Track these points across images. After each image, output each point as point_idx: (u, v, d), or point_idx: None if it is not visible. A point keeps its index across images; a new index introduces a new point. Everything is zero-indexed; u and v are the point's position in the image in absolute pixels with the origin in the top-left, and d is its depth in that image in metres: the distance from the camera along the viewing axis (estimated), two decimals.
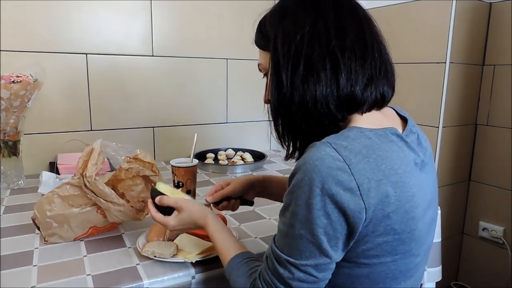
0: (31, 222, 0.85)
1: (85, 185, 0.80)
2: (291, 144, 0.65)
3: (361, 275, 0.58)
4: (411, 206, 0.56)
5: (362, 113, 0.61)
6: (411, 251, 0.59)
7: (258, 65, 0.71)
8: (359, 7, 0.63)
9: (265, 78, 0.69)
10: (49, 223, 0.82)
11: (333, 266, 0.57)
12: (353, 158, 0.53)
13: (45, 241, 0.84)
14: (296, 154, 0.66)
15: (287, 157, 0.68)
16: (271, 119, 0.65)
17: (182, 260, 0.75)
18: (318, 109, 0.58)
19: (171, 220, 0.75)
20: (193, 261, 0.75)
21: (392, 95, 0.66)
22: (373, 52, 0.60)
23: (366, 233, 0.55)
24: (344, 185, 0.51)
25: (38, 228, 0.84)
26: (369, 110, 0.62)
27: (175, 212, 0.76)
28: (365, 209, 0.52)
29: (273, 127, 0.66)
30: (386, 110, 0.67)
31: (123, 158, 0.88)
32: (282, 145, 0.67)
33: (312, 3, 0.61)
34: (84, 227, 0.85)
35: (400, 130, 0.64)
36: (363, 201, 0.52)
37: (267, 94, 0.67)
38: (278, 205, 1.10)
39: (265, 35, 0.66)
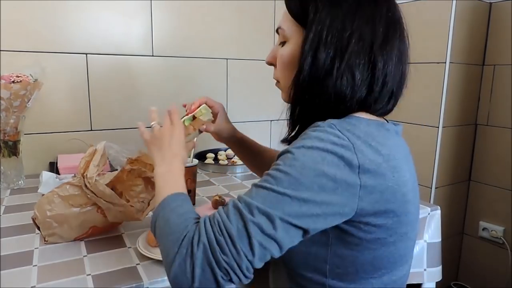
0: (31, 222, 0.85)
1: (86, 185, 0.80)
2: (296, 129, 0.67)
3: (365, 261, 0.59)
4: (407, 190, 0.59)
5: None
6: (407, 234, 0.61)
7: (278, 28, 0.68)
8: (403, 19, 0.65)
9: (267, 40, 0.71)
10: (49, 223, 0.82)
11: (300, 237, 0.54)
12: (356, 140, 0.55)
13: (45, 241, 0.84)
14: (293, 135, 0.67)
15: (284, 140, 0.69)
16: (291, 98, 0.65)
17: None
18: (337, 102, 0.60)
19: (168, 124, 0.76)
20: None
21: None
22: (403, 72, 0.64)
23: (367, 213, 0.55)
24: (346, 161, 0.52)
25: (38, 228, 0.84)
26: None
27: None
28: (360, 186, 0.53)
29: (288, 110, 0.67)
30: None
31: (125, 159, 0.88)
32: (289, 127, 0.68)
33: (367, 3, 0.60)
34: (84, 227, 0.85)
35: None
36: (360, 179, 0.53)
37: (278, 64, 0.68)
38: None
39: (304, 7, 0.62)
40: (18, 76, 1.12)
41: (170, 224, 0.56)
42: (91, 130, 1.48)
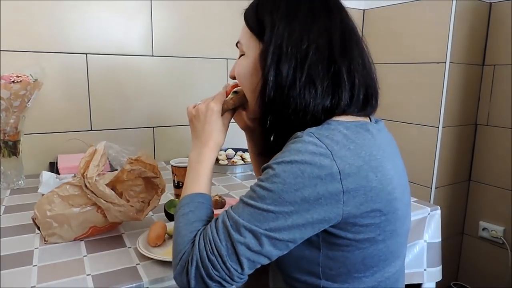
0: (31, 222, 0.85)
1: (86, 185, 0.80)
2: (271, 136, 0.68)
3: (356, 261, 0.60)
4: (392, 188, 0.59)
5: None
6: (396, 231, 0.62)
7: (237, 42, 0.71)
8: (355, 24, 0.67)
9: (234, 53, 0.71)
10: (49, 223, 0.82)
11: (288, 248, 0.56)
12: (334, 146, 0.55)
13: (45, 241, 0.84)
14: (267, 150, 0.68)
15: (263, 152, 0.71)
16: (260, 110, 0.66)
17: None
18: (306, 117, 0.61)
19: (206, 103, 0.73)
20: None
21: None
22: (372, 73, 0.65)
23: (354, 215, 0.56)
24: (326, 169, 0.53)
25: (38, 228, 0.84)
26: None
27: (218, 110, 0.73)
28: (343, 192, 0.54)
29: (259, 119, 0.68)
30: None
31: (126, 159, 0.88)
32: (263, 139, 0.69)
33: (322, 11, 0.63)
34: (84, 227, 0.85)
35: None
36: (342, 185, 0.54)
37: (254, 82, 0.66)
38: None
39: (261, 20, 0.65)
40: (18, 76, 1.12)
41: (179, 233, 0.61)
42: (91, 130, 1.48)
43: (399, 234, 0.64)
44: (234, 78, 0.74)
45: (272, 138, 0.68)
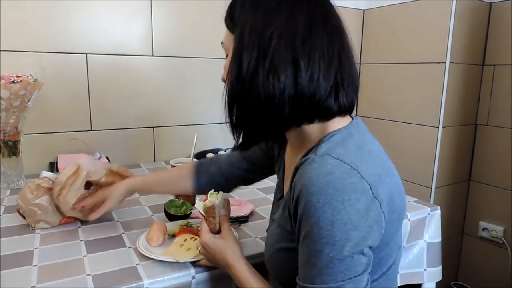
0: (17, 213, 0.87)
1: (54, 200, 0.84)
2: (240, 135, 0.65)
3: (374, 263, 0.57)
4: (400, 186, 0.60)
5: (328, 119, 0.61)
6: (401, 224, 0.65)
7: (221, 43, 0.69)
8: (333, 15, 0.61)
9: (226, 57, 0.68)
10: (33, 210, 0.85)
11: (367, 269, 0.54)
12: (356, 161, 0.53)
13: (32, 228, 0.84)
14: (242, 145, 0.66)
15: (234, 148, 0.68)
16: (226, 105, 0.64)
17: (174, 260, 0.75)
18: (272, 108, 0.58)
19: (200, 242, 0.74)
20: (182, 261, 0.75)
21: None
22: (340, 63, 0.59)
23: (384, 232, 0.55)
24: (360, 189, 0.51)
25: (24, 218, 0.85)
26: (339, 115, 0.62)
27: (216, 235, 0.75)
28: (380, 204, 0.53)
29: (227, 116, 0.65)
30: None
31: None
32: (232, 134, 0.66)
33: (287, 1, 0.59)
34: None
35: None
36: (377, 198, 0.53)
37: (226, 75, 0.65)
38: None
39: (233, 17, 0.63)
40: (18, 76, 1.12)
41: None
42: (91, 130, 1.48)
43: (402, 225, 0.65)
44: (225, 81, 0.70)
45: (241, 135, 0.65)
